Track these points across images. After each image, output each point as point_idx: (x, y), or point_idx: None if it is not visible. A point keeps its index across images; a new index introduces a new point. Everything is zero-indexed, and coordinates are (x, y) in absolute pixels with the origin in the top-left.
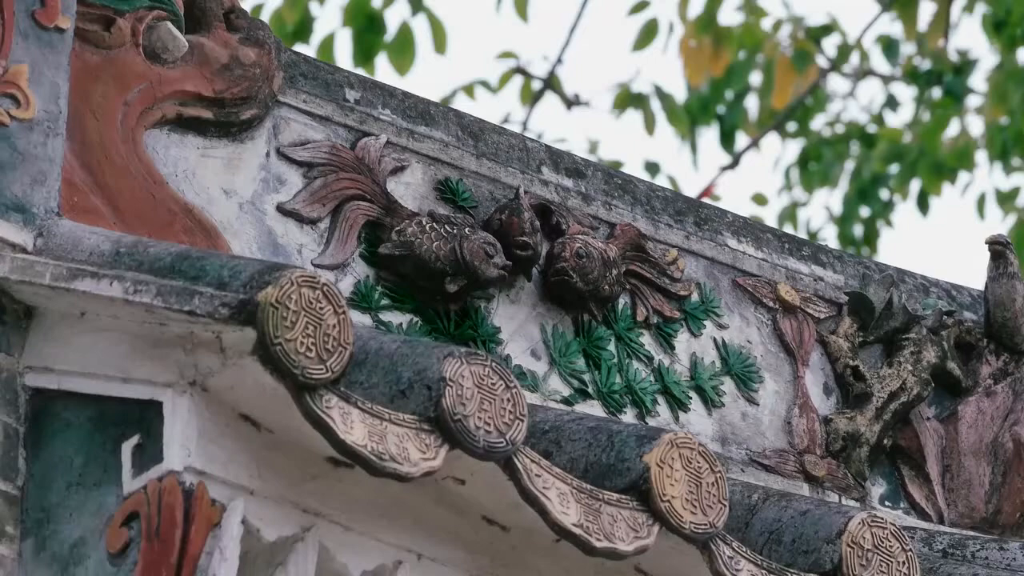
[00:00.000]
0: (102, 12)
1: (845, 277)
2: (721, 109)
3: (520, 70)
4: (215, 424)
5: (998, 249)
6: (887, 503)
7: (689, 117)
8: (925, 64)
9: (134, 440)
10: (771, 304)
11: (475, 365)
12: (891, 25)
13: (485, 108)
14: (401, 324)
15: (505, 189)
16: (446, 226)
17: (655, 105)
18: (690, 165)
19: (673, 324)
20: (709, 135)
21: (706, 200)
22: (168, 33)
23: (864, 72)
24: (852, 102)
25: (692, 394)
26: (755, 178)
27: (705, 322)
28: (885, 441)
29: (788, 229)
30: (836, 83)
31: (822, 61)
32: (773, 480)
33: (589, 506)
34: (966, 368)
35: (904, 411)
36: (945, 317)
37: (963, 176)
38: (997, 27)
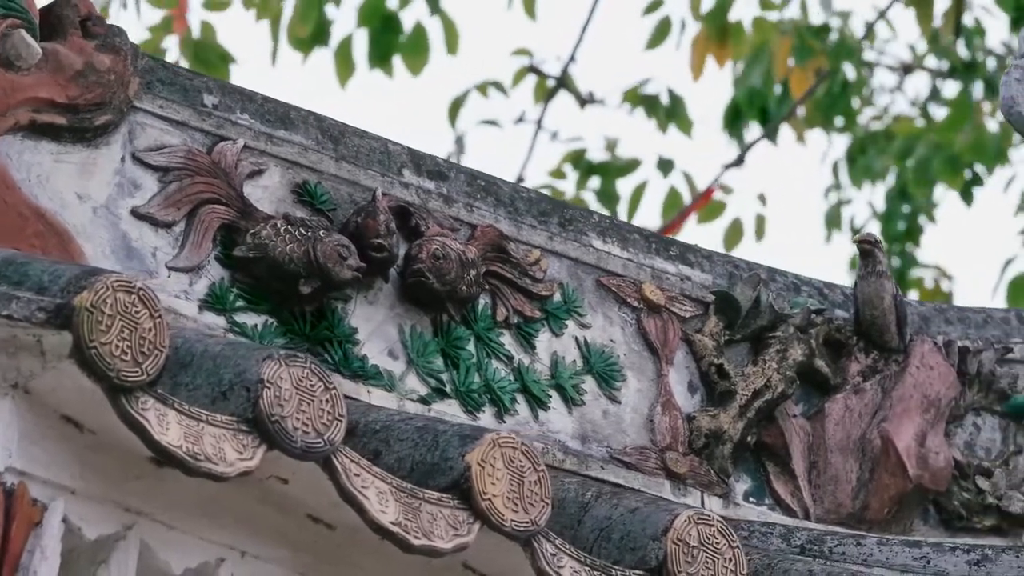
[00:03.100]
0: None
1: (713, 276)
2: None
3: (533, 68)
4: (37, 426)
5: (866, 248)
6: (751, 499)
7: (736, 111)
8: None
9: None
10: (635, 303)
11: (294, 367)
12: (904, 16)
13: (499, 107)
14: (256, 325)
15: (365, 192)
16: (301, 229)
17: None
18: (710, 161)
19: (534, 324)
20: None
21: (713, 197)
22: (22, 41)
23: (910, 66)
24: (900, 96)
25: (552, 393)
26: (798, 172)
27: (567, 321)
28: (749, 438)
29: (834, 230)
30: (884, 77)
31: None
32: (634, 477)
33: (408, 504)
34: (835, 366)
35: (769, 408)
36: (814, 315)
37: (1004, 171)
38: (1015, 22)
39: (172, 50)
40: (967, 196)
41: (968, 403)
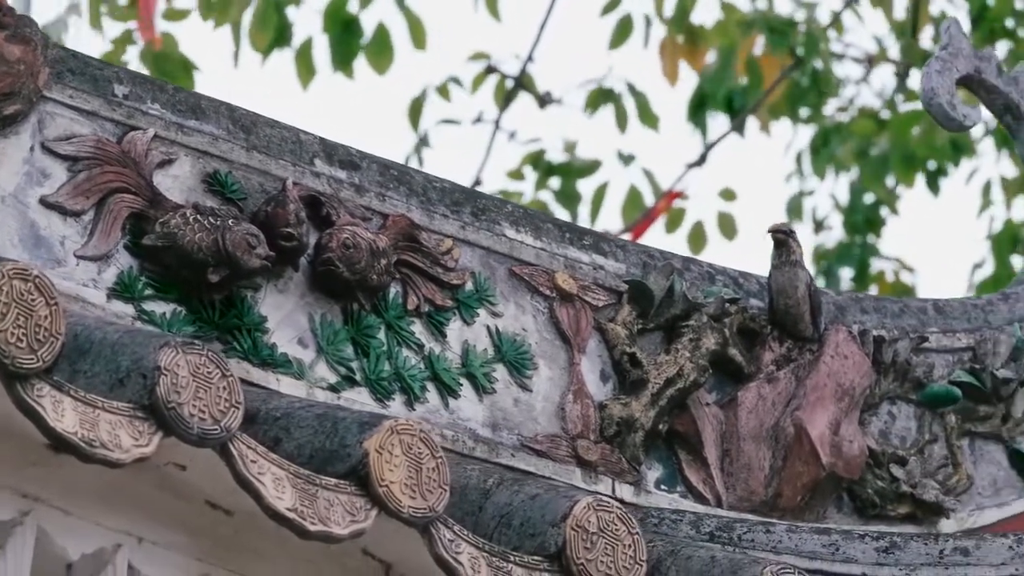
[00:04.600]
0: None
1: (627, 266)
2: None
3: (492, 68)
4: None
5: (780, 238)
6: (663, 487)
7: (698, 102)
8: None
9: None
10: (548, 292)
11: (191, 354)
12: (871, 9)
13: (459, 109)
14: (165, 314)
15: (276, 181)
16: (210, 218)
17: (629, 102)
18: (677, 154)
19: (445, 312)
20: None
21: (676, 201)
22: None
23: (875, 58)
24: (866, 88)
25: (463, 381)
26: (762, 166)
27: (479, 310)
28: (661, 426)
29: (794, 220)
30: (850, 68)
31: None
32: (545, 465)
33: (305, 491)
34: (749, 355)
35: (681, 397)
36: (728, 305)
37: (967, 164)
38: (975, 22)
39: (133, 62)
40: (934, 186)
41: (883, 392)
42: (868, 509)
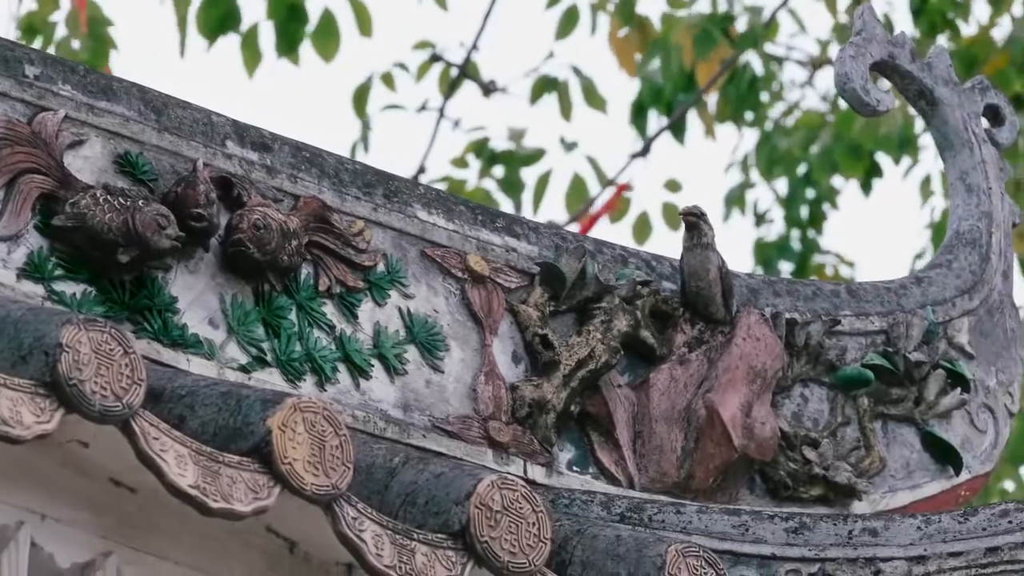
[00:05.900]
0: None
1: (540, 248)
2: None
3: (437, 57)
4: None
5: (692, 220)
6: (575, 468)
7: (641, 106)
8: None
9: None
10: (460, 274)
11: (93, 331)
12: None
13: (405, 98)
14: (75, 294)
15: (187, 163)
16: (120, 198)
17: (574, 90)
18: (620, 151)
19: (356, 294)
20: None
21: (623, 193)
22: None
23: (821, 61)
24: (810, 91)
25: (374, 362)
26: (709, 168)
27: (390, 292)
28: (572, 408)
29: (735, 212)
30: (793, 71)
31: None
32: (456, 446)
33: (208, 468)
34: (661, 337)
35: (592, 378)
36: (640, 287)
37: (906, 159)
38: (916, 14)
39: (60, 26)
40: (866, 187)
41: (795, 374)
42: (780, 491)
